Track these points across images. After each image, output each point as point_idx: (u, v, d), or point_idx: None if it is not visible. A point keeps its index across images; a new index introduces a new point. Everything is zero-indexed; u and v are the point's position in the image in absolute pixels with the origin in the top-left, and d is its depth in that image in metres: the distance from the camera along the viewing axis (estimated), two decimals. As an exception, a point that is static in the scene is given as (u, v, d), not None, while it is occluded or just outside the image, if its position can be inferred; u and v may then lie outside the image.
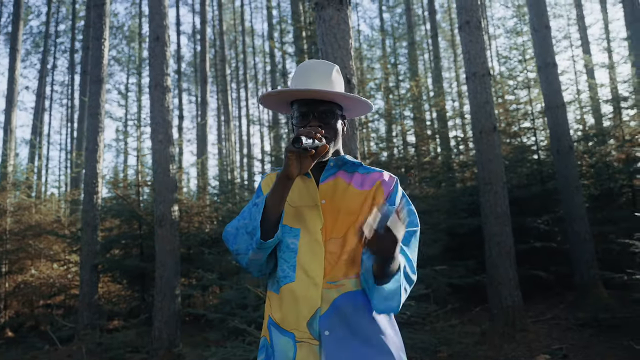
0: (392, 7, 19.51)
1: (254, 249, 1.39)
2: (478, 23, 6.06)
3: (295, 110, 1.52)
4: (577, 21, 20.84)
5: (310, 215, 1.47)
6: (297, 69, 1.58)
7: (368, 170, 1.56)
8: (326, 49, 3.91)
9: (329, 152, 1.50)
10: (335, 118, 1.52)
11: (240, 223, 1.46)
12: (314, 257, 1.42)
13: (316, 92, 1.44)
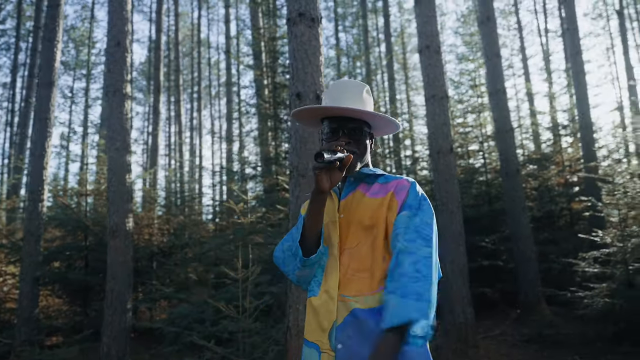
0: (349, 27, 19.94)
1: (299, 267, 1.48)
2: (437, 48, 6.29)
3: (326, 126, 1.57)
4: (520, 51, 22.04)
5: (332, 232, 1.52)
6: (329, 87, 1.63)
7: (387, 180, 1.57)
8: (297, 65, 3.95)
9: (356, 166, 1.53)
10: (363, 135, 1.57)
11: (285, 246, 1.56)
12: (332, 272, 1.47)
13: (347, 110, 1.50)
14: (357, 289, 1.43)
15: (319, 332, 1.44)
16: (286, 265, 1.56)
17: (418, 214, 1.44)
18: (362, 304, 1.41)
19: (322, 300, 1.46)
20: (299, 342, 3.65)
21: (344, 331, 1.40)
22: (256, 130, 9.23)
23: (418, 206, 1.47)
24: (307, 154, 3.82)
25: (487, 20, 7.89)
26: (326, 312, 1.43)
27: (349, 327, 1.40)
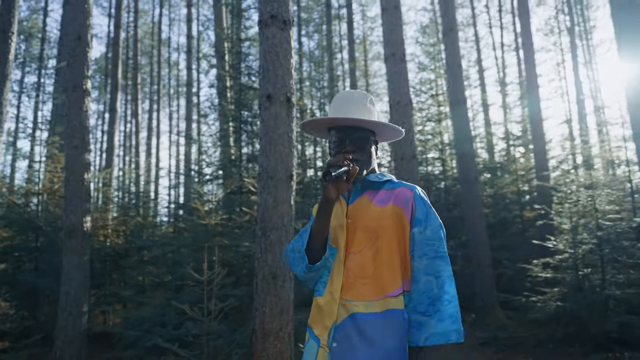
0: (312, 33, 20.03)
1: (305, 272, 1.60)
2: (403, 55, 6.42)
3: (333, 135, 1.66)
4: (477, 63, 22.74)
5: (340, 235, 1.61)
6: (334, 98, 1.72)
7: (393, 186, 1.66)
8: (267, 66, 3.94)
9: (362, 173, 1.63)
10: (368, 143, 1.66)
11: (294, 246, 1.66)
12: (337, 275, 1.57)
13: (353, 121, 1.60)
14: (359, 294, 1.53)
15: (321, 329, 1.56)
16: (295, 266, 1.65)
17: (427, 226, 1.56)
18: (364, 309, 1.51)
19: (326, 300, 1.57)
20: (265, 345, 3.63)
21: (341, 331, 1.51)
22: (218, 131, 9.12)
23: (426, 218, 1.57)
24: (277, 156, 3.81)
25: (450, 32, 8.11)
26: (328, 312, 1.54)
27: (347, 328, 1.51)
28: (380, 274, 1.54)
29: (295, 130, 4.03)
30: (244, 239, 5.12)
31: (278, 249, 3.74)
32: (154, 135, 25.29)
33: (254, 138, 7.40)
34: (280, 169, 3.82)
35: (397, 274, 1.55)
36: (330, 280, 1.58)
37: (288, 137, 3.88)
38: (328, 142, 1.72)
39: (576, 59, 21.00)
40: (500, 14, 22.43)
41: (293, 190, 3.92)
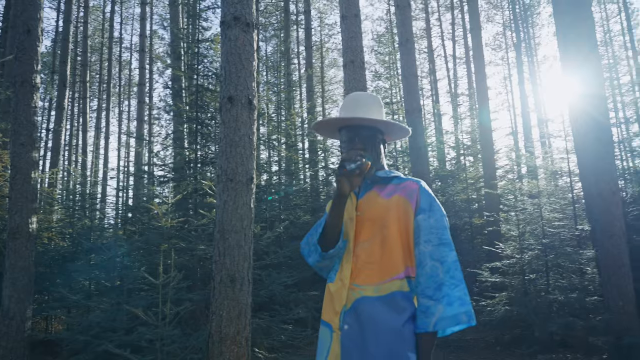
0: (270, 37, 19.97)
1: (319, 261, 1.71)
2: (361, 63, 6.51)
3: (344, 135, 1.77)
4: (430, 74, 23.38)
5: (350, 227, 1.71)
6: (344, 100, 1.82)
7: (400, 181, 1.74)
8: (229, 68, 3.91)
9: (372, 169, 1.74)
10: (377, 141, 1.77)
11: (309, 239, 1.76)
12: (347, 262, 1.67)
13: (363, 120, 1.70)
14: (366, 279, 1.62)
15: (332, 314, 1.65)
16: (309, 257, 1.75)
17: (431, 215, 1.64)
18: (371, 292, 1.61)
19: (337, 286, 1.66)
20: (222, 349, 3.58)
21: (351, 314, 1.60)
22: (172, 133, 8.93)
23: (429, 207, 1.66)
24: (237, 158, 3.78)
25: (406, 42, 8.31)
26: (339, 297, 1.64)
27: (356, 311, 1.60)
28: (386, 260, 1.63)
29: (256, 133, 4.01)
30: (200, 242, 5.03)
31: (237, 252, 3.71)
32: (102, 135, 24.43)
33: (210, 140, 7.30)
34: (241, 172, 3.79)
35: (401, 260, 1.64)
36: (340, 268, 1.68)
37: (249, 139, 3.86)
38: (340, 142, 1.83)
39: (522, 74, 21.97)
40: (452, 27, 23.15)
41: (253, 193, 3.90)
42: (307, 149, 13.38)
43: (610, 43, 21.68)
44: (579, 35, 5.41)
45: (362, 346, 1.55)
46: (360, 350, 1.55)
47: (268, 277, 5.08)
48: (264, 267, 5.47)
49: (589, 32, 5.38)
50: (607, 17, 22.52)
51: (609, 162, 4.96)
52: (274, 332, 4.79)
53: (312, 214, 9.26)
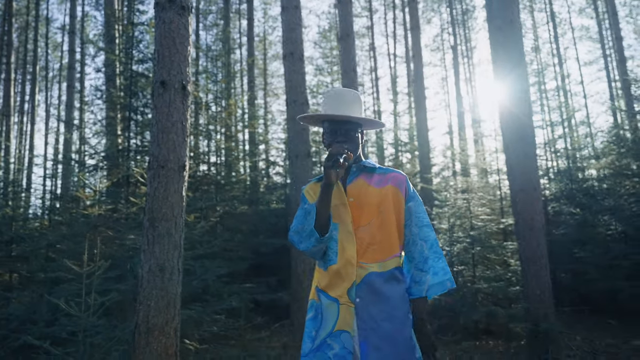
0: (210, 26, 19.52)
1: (315, 245, 1.91)
2: (301, 55, 6.52)
3: (327, 127, 2.04)
4: (371, 72, 23.74)
5: (343, 212, 1.96)
6: (327, 95, 2.07)
7: (385, 171, 2.06)
8: (163, 52, 3.79)
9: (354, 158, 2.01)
10: (357, 134, 2.02)
11: (298, 227, 1.96)
12: (350, 244, 1.93)
13: (345, 117, 1.96)
14: (372, 258, 1.92)
15: (340, 290, 1.90)
16: (301, 243, 1.95)
17: (416, 201, 2.02)
18: (377, 269, 1.91)
19: (342, 265, 1.92)
20: (149, 340, 3.49)
21: (361, 288, 1.89)
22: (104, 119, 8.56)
23: (414, 195, 2.04)
24: (169, 144, 3.68)
25: (346, 37, 8.38)
26: (347, 274, 1.90)
27: (366, 285, 1.89)
28: (385, 240, 1.94)
29: (189, 119, 3.92)
30: (130, 232, 4.86)
31: (167, 241, 3.62)
32: (27, 120, 23.03)
33: (144, 128, 7.06)
34: (173, 159, 3.70)
35: (396, 240, 1.98)
36: (341, 249, 1.93)
37: (182, 125, 3.77)
38: (323, 131, 2.08)
39: (458, 75, 22.80)
40: (394, 26, 23.62)
41: (185, 180, 3.82)
42: (247, 141, 13.25)
43: (538, 50, 22.89)
44: (507, 39, 5.68)
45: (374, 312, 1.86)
46: (375, 315, 1.86)
47: (201, 267, 5.00)
48: (197, 257, 5.38)
49: (517, 38, 5.65)
50: (535, 25, 23.76)
51: (531, 159, 5.25)
52: (205, 323, 4.72)
53: (250, 205, 9.19)
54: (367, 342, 1.83)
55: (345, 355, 1.84)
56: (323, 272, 1.99)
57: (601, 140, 15.12)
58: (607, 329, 5.98)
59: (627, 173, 8.42)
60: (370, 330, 1.84)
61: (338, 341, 1.86)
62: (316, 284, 2.02)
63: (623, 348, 5.01)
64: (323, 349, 1.89)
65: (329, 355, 1.86)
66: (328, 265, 1.97)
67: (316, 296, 2.00)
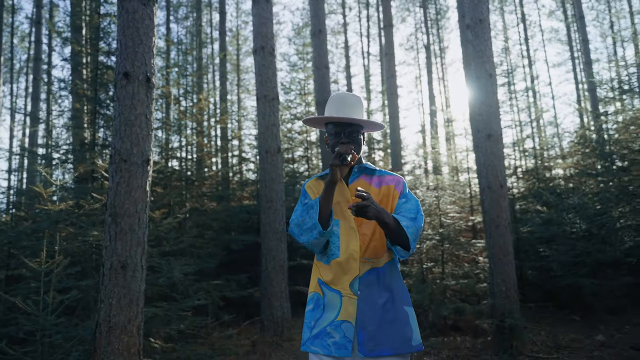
0: (182, 19, 19.16)
1: (317, 238, 1.97)
2: (272, 50, 6.46)
3: (331, 129, 2.13)
4: (345, 69, 23.76)
5: (345, 209, 2.07)
6: (332, 98, 2.18)
7: (382, 174, 2.18)
8: (126, 42, 3.69)
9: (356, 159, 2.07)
10: (359, 135, 2.12)
11: (299, 221, 2.05)
12: (353, 240, 2.03)
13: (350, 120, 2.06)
14: (373, 253, 2.03)
15: (342, 283, 2.00)
16: (302, 236, 2.02)
17: (408, 200, 2.10)
18: (378, 263, 2.03)
19: (345, 259, 2.01)
20: (110, 339, 3.39)
21: (364, 281, 1.99)
22: (69, 111, 8.32)
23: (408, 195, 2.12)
24: (132, 138, 3.59)
25: (319, 33, 8.35)
26: (350, 268, 2.00)
27: (369, 278, 2.00)
28: (383, 237, 2.04)
29: (154, 113, 3.83)
30: (92, 228, 4.72)
31: (130, 237, 3.52)
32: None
33: (111, 122, 6.88)
34: (136, 153, 3.60)
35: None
36: (345, 244, 2.03)
37: (146, 119, 3.68)
38: (327, 132, 2.17)
39: (431, 75, 23.01)
40: (368, 24, 23.68)
41: (149, 175, 3.72)
42: (218, 137, 13.10)
43: (509, 51, 23.28)
44: (477, 38, 5.73)
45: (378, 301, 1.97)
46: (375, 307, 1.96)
47: (168, 264, 4.89)
48: (163, 254, 5.27)
49: (486, 36, 5.71)
50: (506, 27, 24.16)
51: (498, 157, 5.33)
52: (172, 321, 4.63)
53: (221, 201, 9.08)
54: (364, 331, 1.93)
55: (345, 343, 1.93)
56: (325, 266, 2.09)
57: (568, 141, 15.51)
58: (570, 325, 6.11)
59: (591, 173, 8.62)
60: (369, 321, 1.94)
61: (339, 330, 1.95)
62: (318, 277, 2.11)
63: (586, 343, 5.12)
64: (322, 336, 1.98)
65: (329, 343, 1.96)
66: (331, 259, 2.06)
67: (318, 289, 2.08)
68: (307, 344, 2.00)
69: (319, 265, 2.13)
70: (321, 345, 1.96)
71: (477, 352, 5.07)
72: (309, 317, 2.06)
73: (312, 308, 2.07)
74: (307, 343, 2.00)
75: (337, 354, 1.92)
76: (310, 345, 1.99)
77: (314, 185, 2.19)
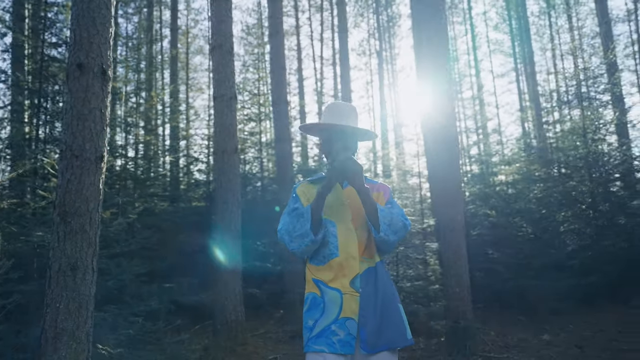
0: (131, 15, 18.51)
1: (308, 245, 2.06)
2: (230, 48, 6.33)
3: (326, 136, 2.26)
4: (297, 72, 23.73)
5: (342, 211, 2.18)
6: (327, 108, 2.31)
7: (373, 182, 2.32)
8: (81, 32, 3.49)
9: None
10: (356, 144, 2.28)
11: (289, 228, 2.10)
12: (351, 240, 2.12)
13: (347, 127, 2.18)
14: (369, 253, 2.15)
15: (342, 281, 2.07)
16: (292, 243, 2.09)
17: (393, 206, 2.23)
18: (372, 263, 2.14)
19: (344, 258, 2.10)
20: (57, 346, 3.19)
21: (364, 279, 2.08)
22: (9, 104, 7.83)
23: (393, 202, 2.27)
24: (85, 133, 3.39)
25: (276, 34, 8.29)
26: (350, 267, 2.09)
27: (368, 276, 2.10)
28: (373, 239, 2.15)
29: (109, 107, 3.64)
30: (37, 228, 4.44)
31: (81, 238, 3.33)
32: None
33: (56, 116, 6.53)
34: (89, 149, 3.41)
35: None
36: (343, 244, 2.11)
37: (101, 113, 3.49)
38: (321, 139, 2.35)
39: (382, 81, 23.41)
40: (321, 28, 23.79)
41: (103, 173, 3.54)
42: (168, 136, 12.73)
43: (457, 60, 24.03)
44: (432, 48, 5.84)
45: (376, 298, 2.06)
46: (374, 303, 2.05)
47: (118, 266, 4.67)
48: (113, 255, 5.03)
49: (443, 43, 5.84)
50: (455, 36, 24.94)
51: (454, 160, 5.44)
52: (121, 326, 4.42)
53: (172, 202, 8.81)
54: (366, 329, 2.01)
55: (349, 340, 1.99)
56: (321, 267, 2.14)
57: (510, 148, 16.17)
58: (517, 325, 6.34)
59: (535, 178, 9.01)
60: (370, 318, 2.03)
61: (344, 328, 2.01)
62: (313, 277, 2.16)
63: (533, 342, 5.32)
64: (327, 334, 2.00)
65: (334, 341, 1.99)
66: (330, 259, 2.12)
67: (315, 288, 2.13)
68: (310, 344, 2.01)
69: (313, 268, 2.18)
70: (326, 343, 1.98)
71: (432, 353, 5.16)
72: (306, 317, 2.10)
73: (308, 308, 2.12)
74: (310, 343, 2.01)
75: (342, 351, 1.97)
76: (313, 344, 2.00)
77: (306, 190, 2.27)
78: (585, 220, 7.43)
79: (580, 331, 5.66)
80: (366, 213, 2.12)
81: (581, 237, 7.28)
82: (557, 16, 23.23)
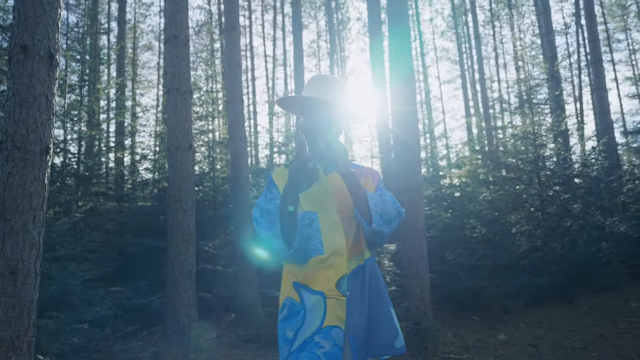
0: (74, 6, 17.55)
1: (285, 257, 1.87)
2: (186, 40, 6.05)
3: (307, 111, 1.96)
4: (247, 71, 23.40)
5: (326, 200, 1.87)
6: (311, 80, 2.00)
7: (359, 167, 2.04)
8: (26, 11, 3.18)
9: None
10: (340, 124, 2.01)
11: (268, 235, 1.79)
12: (337, 234, 1.83)
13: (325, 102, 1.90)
14: (357, 250, 1.87)
15: (325, 283, 1.79)
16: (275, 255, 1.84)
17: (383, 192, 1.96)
18: (361, 260, 1.87)
19: (329, 255, 1.81)
20: None
21: (352, 279, 1.82)
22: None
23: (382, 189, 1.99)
24: (29, 122, 3.09)
25: (232, 30, 8.04)
26: (337, 266, 1.80)
27: (357, 275, 1.83)
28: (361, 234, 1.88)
29: (56, 95, 3.33)
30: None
31: (22, 237, 3.02)
32: None
33: None
34: (33, 139, 3.10)
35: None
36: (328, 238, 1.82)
37: (47, 101, 3.19)
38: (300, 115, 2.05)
39: (334, 82, 23.45)
40: (274, 28, 23.58)
41: (48, 166, 3.23)
42: (113, 132, 12.13)
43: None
44: (396, 46, 5.83)
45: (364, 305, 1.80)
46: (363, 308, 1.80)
47: (62, 270, 4.31)
48: (56, 259, 4.65)
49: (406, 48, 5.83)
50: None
51: (416, 160, 5.44)
52: (65, 334, 4.07)
53: (118, 202, 8.35)
54: (357, 337, 1.76)
55: (336, 352, 1.73)
56: (301, 266, 1.85)
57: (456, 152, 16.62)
58: (472, 325, 6.41)
59: (484, 180, 9.23)
60: (360, 326, 1.77)
61: (329, 338, 1.75)
62: (292, 280, 1.86)
63: (490, 342, 5.38)
64: (310, 347, 1.75)
65: (319, 355, 1.73)
66: (312, 256, 1.82)
67: (294, 293, 1.84)
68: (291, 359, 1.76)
69: (292, 267, 1.89)
70: (309, 357, 1.73)
71: (392, 356, 5.09)
72: (282, 327, 1.83)
73: (285, 316, 1.84)
74: (291, 359, 1.75)
75: None
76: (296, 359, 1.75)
77: (280, 174, 1.95)
78: (535, 222, 7.66)
79: (532, 330, 5.79)
80: (354, 202, 1.82)
81: (531, 239, 7.50)
82: (501, 26, 24.14)
